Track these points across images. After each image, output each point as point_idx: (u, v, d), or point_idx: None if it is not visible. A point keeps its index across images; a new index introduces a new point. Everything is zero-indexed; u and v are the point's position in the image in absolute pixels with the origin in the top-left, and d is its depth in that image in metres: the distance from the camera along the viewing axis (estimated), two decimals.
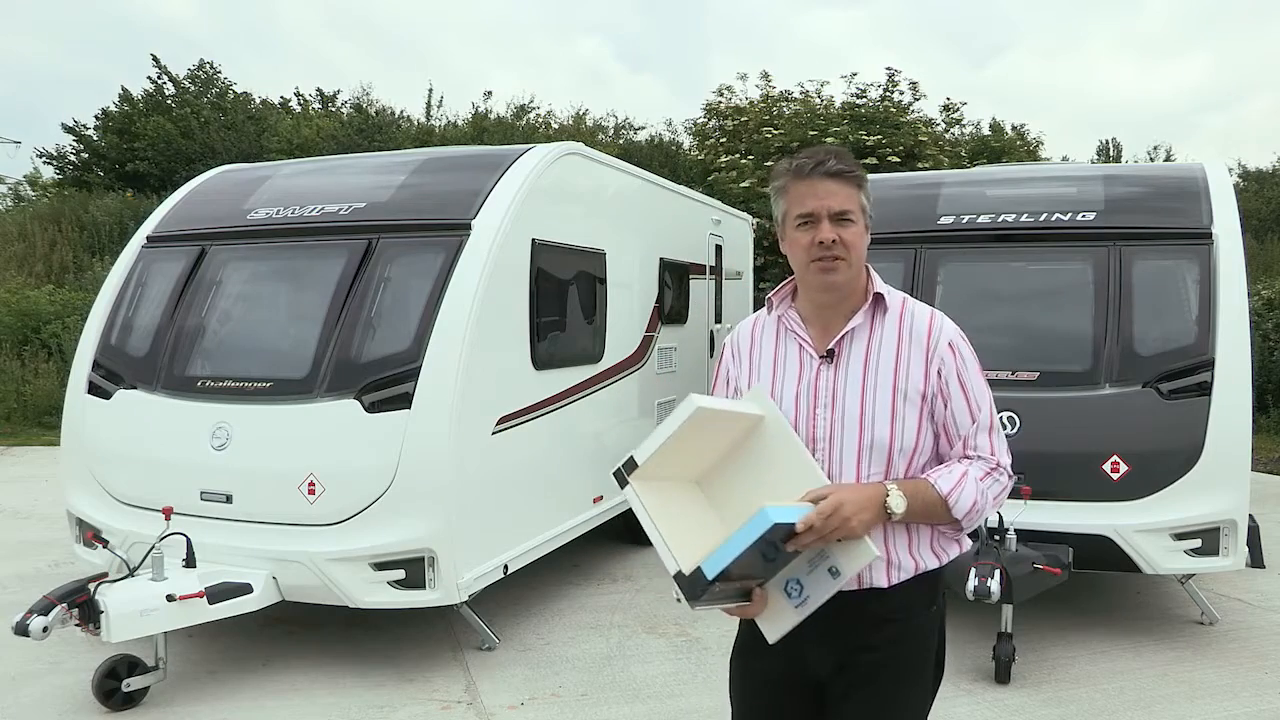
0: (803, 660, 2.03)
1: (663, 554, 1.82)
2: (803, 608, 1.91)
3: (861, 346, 2.01)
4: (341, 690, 4.48)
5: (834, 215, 1.95)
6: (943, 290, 5.62)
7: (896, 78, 17.69)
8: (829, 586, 1.89)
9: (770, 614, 1.95)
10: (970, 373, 2.00)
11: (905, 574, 1.98)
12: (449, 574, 4.53)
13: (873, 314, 2.03)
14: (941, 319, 2.04)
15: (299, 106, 25.48)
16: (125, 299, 5.52)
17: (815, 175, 1.96)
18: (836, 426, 1.96)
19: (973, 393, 1.99)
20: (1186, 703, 4.34)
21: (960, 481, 1.93)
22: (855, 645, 1.99)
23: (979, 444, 1.99)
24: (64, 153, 23.04)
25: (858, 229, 1.99)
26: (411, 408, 4.56)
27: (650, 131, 25.18)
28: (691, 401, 1.85)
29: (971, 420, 1.98)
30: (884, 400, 1.96)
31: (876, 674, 1.99)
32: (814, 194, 1.96)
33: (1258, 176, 23.61)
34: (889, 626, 1.99)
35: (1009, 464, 2.03)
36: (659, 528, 1.84)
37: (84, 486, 5.15)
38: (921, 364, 1.97)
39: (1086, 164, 11.00)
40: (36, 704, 4.35)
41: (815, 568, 1.90)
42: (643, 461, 1.89)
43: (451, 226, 5.04)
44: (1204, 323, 5.04)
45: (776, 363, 2.07)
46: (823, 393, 1.99)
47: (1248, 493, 4.83)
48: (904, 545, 1.98)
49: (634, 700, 4.38)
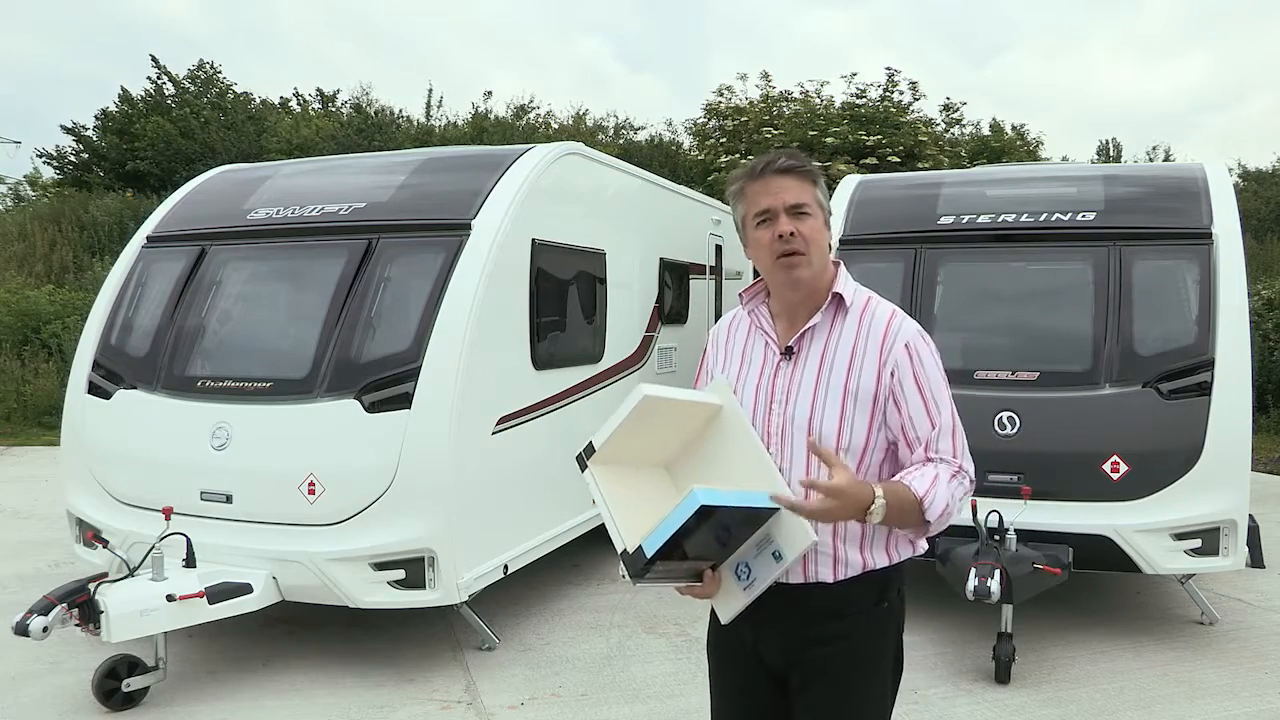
0: (758, 651, 2.08)
1: (612, 532, 1.89)
2: (750, 589, 1.98)
3: (820, 345, 2.02)
4: (341, 690, 4.48)
5: (790, 209, 1.97)
6: (943, 290, 5.62)
7: (896, 78, 17.72)
8: (773, 569, 1.95)
9: (722, 595, 2.02)
10: (927, 374, 1.98)
11: (852, 570, 1.99)
12: (449, 574, 4.53)
13: (834, 313, 2.03)
14: (901, 319, 2.02)
15: (299, 106, 25.48)
16: (125, 299, 5.52)
17: (768, 173, 2.00)
18: (789, 423, 1.99)
19: (931, 395, 1.97)
20: (1186, 703, 4.34)
21: (933, 484, 1.91)
22: (802, 638, 2.02)
23: (940, 447, 1.97)
24: (64, 153, 23.05)
25: (815, 222, 2.00)
26: (411, 408, 4.56)
27: (650, 131, 25.22)
28: (639, 390, 1.92)
29: (931, 425, 1.96)
30: (834, 400, 1.97)
31: (826, 668, 2.02)
32: (768, 191, 1.99)
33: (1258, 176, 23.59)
34: (835, 621, 2.01)
35: (971, 468, 2.02)
36: (610, 508, 1.91)
37: (84, 486, 5.15)
38: (875, 365, 1.97)
39: (1086, 164, 11.00)
40: (36, 704, 4.35)
41: (761, 551, 1.96)
42: (599, 446, 1.97)
43: (451, 226, 5.04)
44: (1204, 323, 5.04)
45: (744, 357, 2.11)
46: (779, 389, 2.02)
47: (1248, 493, 4.83)
48: (855, 542, 1.99)
49: (634, 700, 4.38)
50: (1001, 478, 4.83)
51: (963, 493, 1.98)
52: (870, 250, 5.84)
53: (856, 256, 5.78)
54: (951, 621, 5.18)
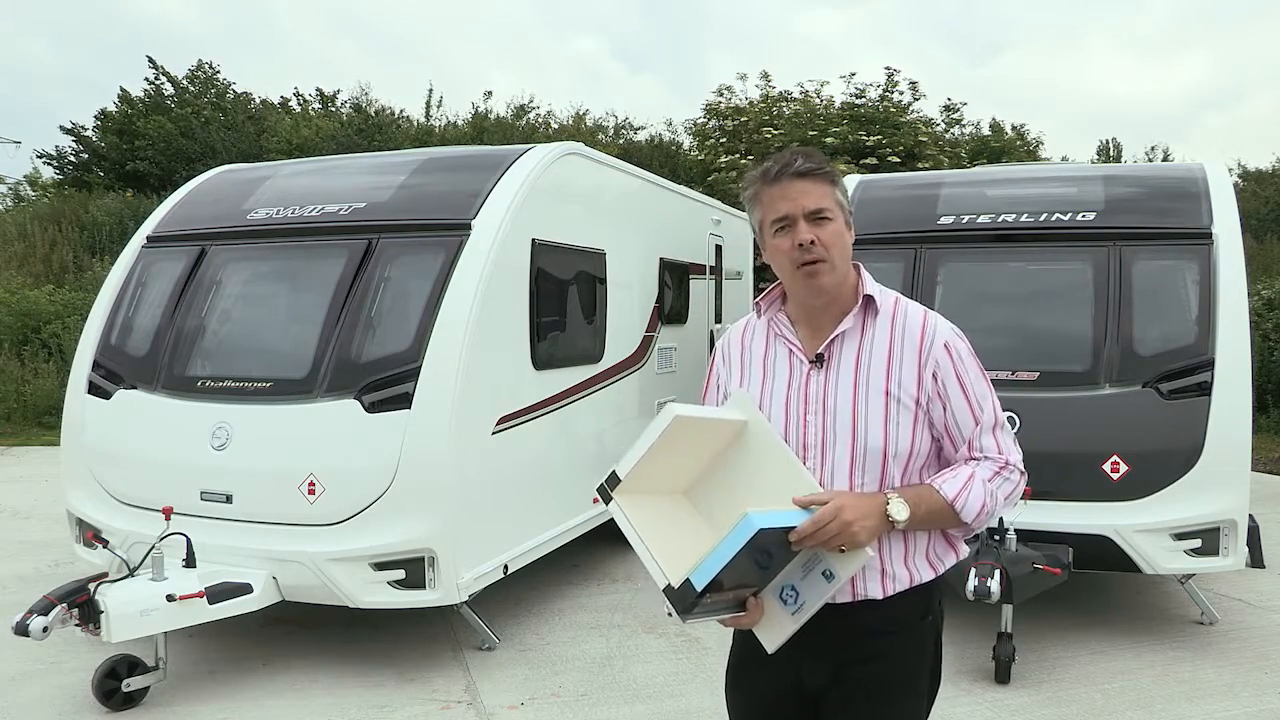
0: (798, 673, 2.00)
1: (650, 568, 1.78)
2: (799, 614, 1.88)
3: (853, 350, 1.95)
4: (341, 690, 4.48)
5: (809, 214, 1.90)
6: (943, 290, 5.62)
7: (896, 78, 17.71)
8: (824, 591, 1.86)
9: (767, 623, 1.92)
10: (969, 372, 1.94)
11: (900, 585, 1.94)
12: (449, 574, 4.53)
13: (864, 316, 1.97)
14: (936, 319, 1.97)
15: (298, 106, 25.47)
16: (125, 299, 5.52)
17: (785, 177, 1.91)
18: (828, 433, 1.91)
19: (973, 393, 1.93)
20: (1186, 703, 4.33)
21: (967, 484, 1.88)
22: (850, 657, 1.96)
23: (984, 445, 1.94)
24: (64, 153, 23.04)
25: (836, 226, 1.93)
26: (411, 408, 4.56)
27: (650, 131, 25.20)
28: (669, 411, 1.81)
29: (975, 422, 1.93)
30: (876, 405, 1.90)
31: (871, 686, 1.96)
32: (786, 196, 1.91)
33: (1258, 176, 23.59)
34: (883, 638, 1.96)
35: (1019, 460, 1.97)
36: (645, 542, 1.80)
37: (84, 486, 5.15)
38: (915, 367, 1.92)
39: (1086, 164, 11.00)
40: (36, 704, 4.35)
41: (809, 572, 1.87)
42: (625, 475, 1.85)
43: (451, 226, 5.04)
44: (1204, 323, 5.03)
45: (766, 368, 2.02)
46: (813, 398, 1.94)
47: (1248, 493, 4.83)
48: (899, 556, 1.94)
49: (634, 700, 4.38)
50: None
51: (1010, 488, 1.95)
52: (870, 250, 5.82)
53: (857, 256, 5.76)
54: (951, 621, 5.13)
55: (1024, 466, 1.98)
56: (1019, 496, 2.00)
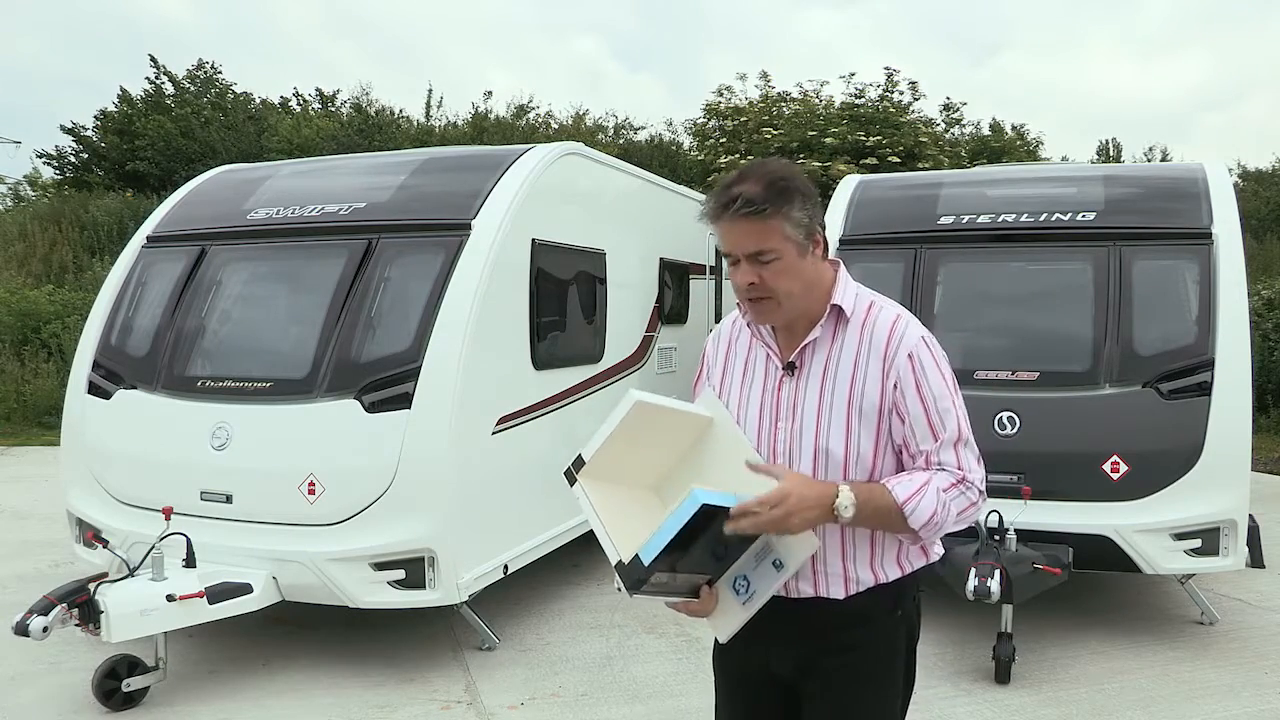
0: (767, 663, 2.03)
1: (604, 544, 1.83)
2: (750, 604, 1.91)
3: (821, 358, 1.94)
4: (341, 690, 4.48)
5: (750, 256, 1.86)
6: (943, 290, 5.62)
7: (896, 78, 17.71)
8: (774, 580, 1.88)
9: (719, 612, 1.95)
10: (931, 383, 1.87)
11: (864, 586, 1.94)
12: (449, 574, 4.53)
13: (834, 325, 1.95)
14: (905, 326, 1.91)
15: (299, 107, 25.47)
16: (125, 299, 5.52)
17: (726, 218, 1.87)
18: (794, 441, 1.91)
19: (934, 406, 1.87)
20: (1186, 703, 4.34)
21: (920, 490, 1.82)
22: (814, 649, 1.97)
23: (943, 459, 1.88)
24: (64, 153, 23.03)
25: (783, 264, 1.86)
26: (411, 408, 4.56)
27: (650, 131, 25.21)
28: (630, 396, 1.85)
29: (934, 438, 1.87)
30: (839, 415, 1.89)
31: (839, 677, 1.97)
32: (727, 237, 1.90)
33: (1258, 176, 23.58)
34: (848, 631, 1.96)
35: (980, 480, 1.90)
36: (601, 519, 1.86)
37: (84, 486, 5.15)
38: (879, 377, 1.88)
39: (1086, 164, 11.00)
40: (36, 704, 4.35)
41: (760, 562, 1.89)
42: (589, 457, 1.90)
43: (451, 227, 5.04)
44: (1204, 323, 5.03)
45: (746, 369, 2.04)
46: (784, 405, 1.94)
47: (1248, 493, 4.83)
48: (864, 560, 1.93)
49: (634, 700, 4.38)
50: (1001, 478, 4.81)
51: (965, 504, 1.88)
52: (870, 250, 5.84)
53: (856, 257, 5.78)
54: (951, 621, 5.17)
55: (1021, 468, 1.95)
56: (974, 515, 1.92)
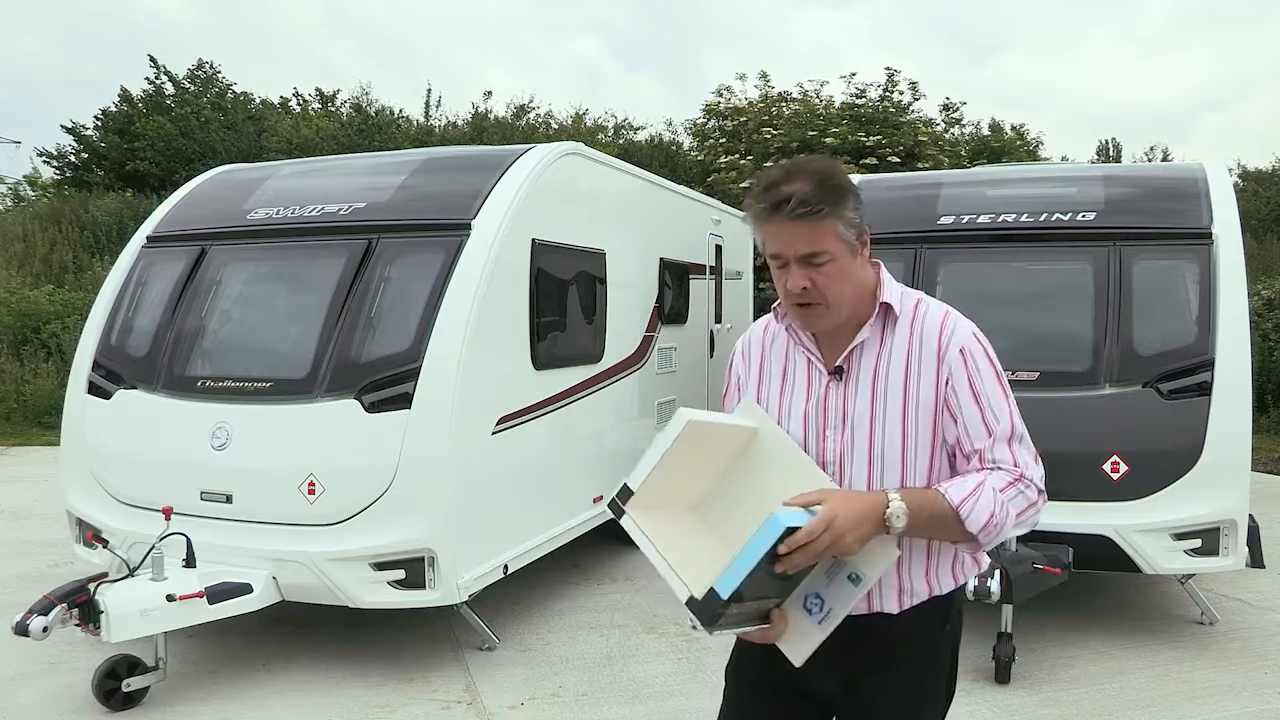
0: (808, 678, 1.89)
1: (671, 581, 1.72)
2: (826, 623, 1.79)
3: (871, 360, 1.86)
4: (341, 690, 4.48)
5: (802, 259, 1.79)
6: (943, 290, 5.61)
7: (896, 78, 17.70)
8: (851, 596, 1.77)
9: (792, 634, 1.82)
10: (984, 379, 1.82)
11: (918, 599, 1.87)
12: (449, 574, 4.53)
13: (882, 324, 1.88)
14: (955, 321, 1.87)
15: (298, 106, 25.47)
16: (125, 299, 5.52)
17: (777, 219, 1.78)
18: (846, 449, 1.83)
19: (988, 401, 1.81)
20: (1186, 703, 4.33)
21: (975, 491, 1.74)
22: (864, 666, 1.89)
23: (998, 457, 1.80)
24: (64, 153, 23.02)
25: (836, 266, 1.80)
26: (411, 408, 4.55)
27: (650, 131, 25.19)
28: (681, 416, 1.75)
29: (988, 433, 1.80)
30: (894, 417, 1.81)
31: (886, 695, 1.90)
32: (777, 238, 1.80)
33: (1257, 176, 23.58)
34: (899, 648, 1.89)
35: (1040, 478, 1.81)
36: (664, 555, 1.74)
37: (84, 486, 5.15)
38: (933, 373, 1.82)
39: (1086, 164, 11.00)
40: (36, 704, 4.35)
41: (834, 578, 1.77)
42: (638, 486, 1.79)
43: (451, 227, 5.04)
44: (1204, 323, 5.03)
45: (785, 377, 1.93)
46: (832, 412, 1.85)
47: (1248, 493, 4.83)
48: (920, 571, 1.86)
49: (634, 700, 4.38)
50: None
51: (1025, 503, 1.78)
52: (870, 250, 5.83)
53: None
54: None
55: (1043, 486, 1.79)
56: (1035, 517, 1.82)
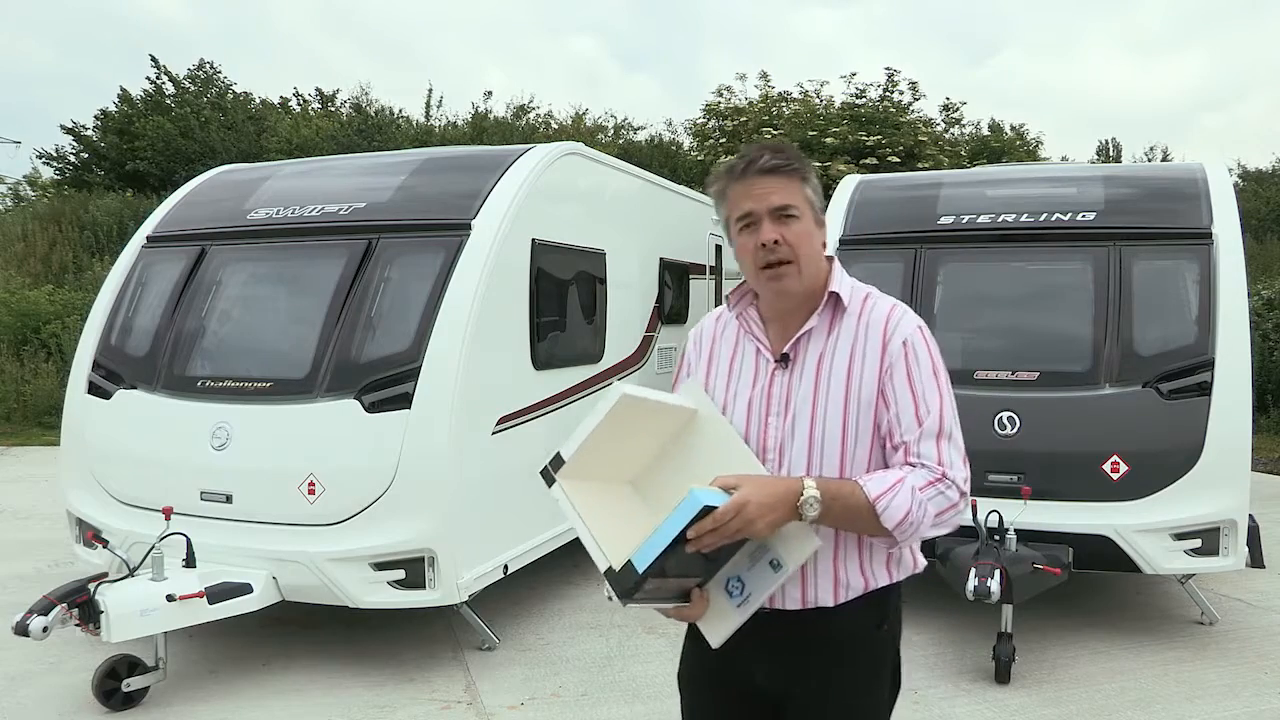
0: (751, 679, 1.93)
1: (592, 551, 1.73)
2: (745, 606, 1.80)
3: (817, 349, 1.87)
4: (341, 690, 4.48)
5: (774, 212, 1.82)
6: (943, 290, 5.62)
7: (896, 78, 17.72)
8: (771, 581, 1.79)
9: (711, 616, 1.84)
10: (922, 371, 1.82)
11: (854, 593, 1.86)
12: (449, 574, 4.53)
13: (831, 314, 1.89)
14: (901, 313, 1.87)
15: (298, 107, 25.49)
16: (125, 299, 5.52)
17: (751, 173, 1.83)
18: (787, 435, 1.84)
19: (922, 394, 1.81)
20: (1186, 703, 4.34)
21: (894, 487, 1.73)
22: (804, 666, 1.90)
23: (923, 451, 1.78)
24: (64, 153, 23.04)
25: (804, 225, 1.84)
26: (411, 408, 4.56)
27: (650, 132, 25.23)
28: (615, 389, 1.77)
29: (917, 424, 1.79)
30: (835, 407, 1.82)
31: (827, 697, 1.90)
32: (750, 193, 1.83)
33: (1257, 176, 23.59)
34: (838, 648, 1.89)
35: (963, 479, 1.80)
36: (587, 524, 1.75)
37: (84, 486, 5.15)
38: (876, 363, 1.83)
39: (1086, 164, 11.01)
40: (36, 704, 4.35)
41: (756, 562, 1.79)
42: (569, 456, 1.80)
43: (451, 227, 5.04)
44: (1204, 323, 5.03)
45: (733, 365, 1.95)
46: (775, 400, 1.86)
47: (1248, 493, 4.83)
48: (854, 564, 1.85)
49: (634, 700, 4.38)
50: (1001, 478, 4.83)
51: (945, 504, 1.77)
52: (870, 250, 5.84)
53: (856, 256, 5.77)
54: (951, 621, 5.18)
55: (1021, 468, 1.86)
56: (955, 519, 1.81)
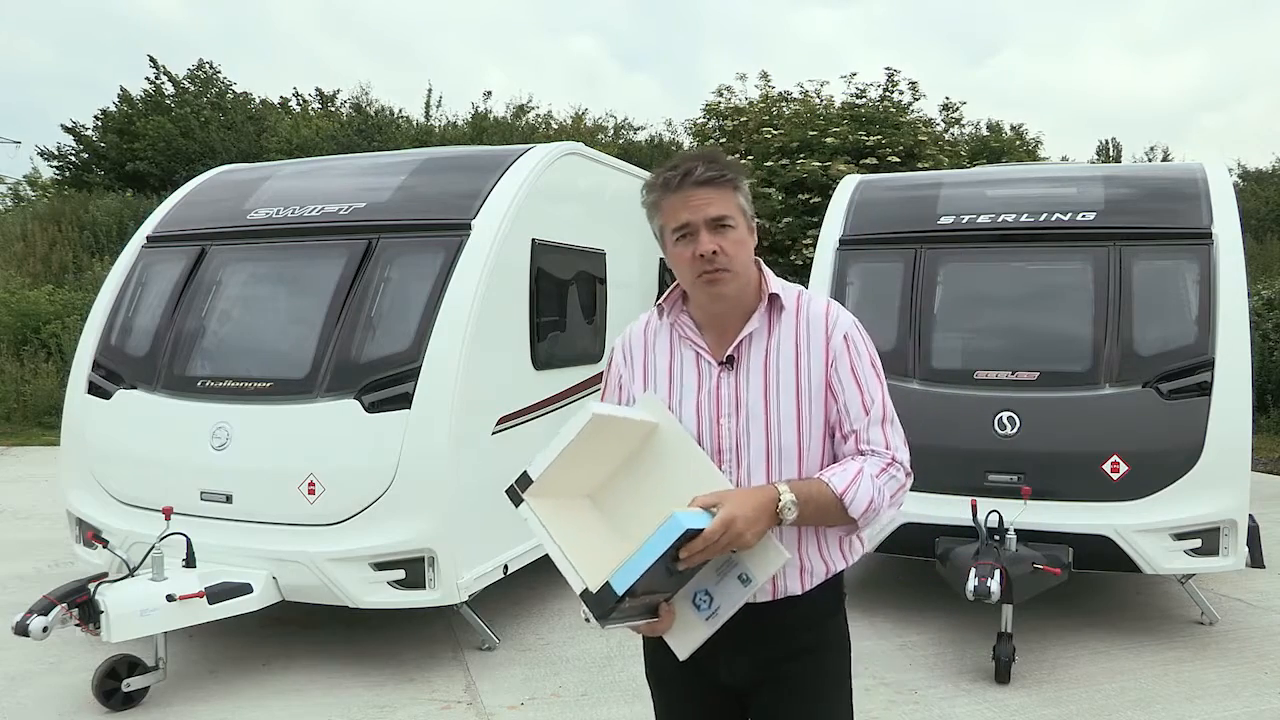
0: (716, 673, 1.98)
1: (567, 573, 1.74)
2: (713, 619, 1.83)
3: (761, 350, 1.94)
4: (341, 690, 4.48)
5: (710, 222, 1.88)
6: (943, 290, 5.62)
7: (896, 78, 17.70)
8: (740, 595, 1.82)
9: (679, 629, 1.87)
10: (863, 363, 1.94)
11: (818, 578, 1.94)
12: (449, 574, 4.53)
13: (770, 315, 1.96)
14: (838, 310, 1.98)
15: (298, 107, 25.48)
16: (125, 299, 5.52)
17: (687, 186, 1.89)
18: (742, 434, 1.90)
19: (865, 383, 1.93)
20: (1186, 703, 4.34)
21: (856, 479, 1.84)
22: (774, 655, 1.95)
23: (872, 437, 1.91)
24: (64, 153, 23.02)
25: (739, 234, 1.91)
26: (411, 408, 4.56)
27: (650, 132, 25.21)
28: (588, 409, 1.78)
29: (865, 411, 1.91)
30: (788, 402, 1.90)
31: (804, 682, 1.96)
32: (687, 205, 1.89)
33: (1257, 176, 23.59)
34: (806, 634, 1.96)
35: (907, 460, 1.95)
36: (560, 545, 1.77)
37: (84, 486, 5.15)
38: (822, 358, 1.92)
39: (1086, 164, 11.01)
40: (36, 704, 4.35)
41: (724, 576, 1.83)
42: (537, 476, 1.82)
43: (451, 227, 5.04)
44: (1204, 323, 5.04)
45: (673, 372, 1.99)
46: (725, 400, 1.92)
47: (1248, 493, 4.83)
48: (814, 548, 1.93)
49: (634, 700, 4.38)
50: (1001, 478, 4.83)
51: (896, 486, 1.91)
52: (870, 250, 5.84)
53: (856, 257, 5.79)
54: (951, 621, 5.18)
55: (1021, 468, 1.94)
56: (903, 498, 1.94)
